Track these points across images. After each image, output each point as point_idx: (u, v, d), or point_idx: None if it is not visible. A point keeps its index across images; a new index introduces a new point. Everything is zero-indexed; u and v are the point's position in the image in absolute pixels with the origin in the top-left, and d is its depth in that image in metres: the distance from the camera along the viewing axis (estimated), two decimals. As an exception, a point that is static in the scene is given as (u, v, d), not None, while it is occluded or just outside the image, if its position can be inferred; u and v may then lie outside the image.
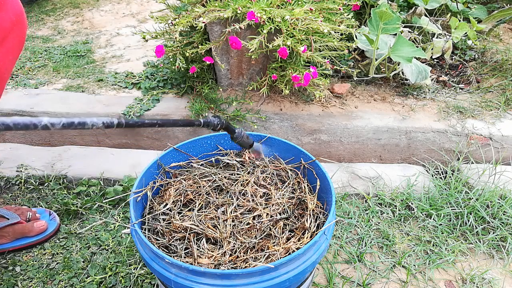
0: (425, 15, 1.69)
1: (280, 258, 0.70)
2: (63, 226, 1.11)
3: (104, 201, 1.18)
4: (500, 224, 1.12)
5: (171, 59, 1.58)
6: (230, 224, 0.77)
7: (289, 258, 0.64)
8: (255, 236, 0.76)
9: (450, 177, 1.30)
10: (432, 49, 1.62)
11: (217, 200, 0.83)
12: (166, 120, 0.65)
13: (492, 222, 1.13)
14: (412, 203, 1.20)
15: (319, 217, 0.80)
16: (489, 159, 1.41)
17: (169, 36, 1.39)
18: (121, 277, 0.97)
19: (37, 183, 1.24)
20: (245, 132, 0.81)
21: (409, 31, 1.63)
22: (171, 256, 0.73)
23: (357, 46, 1.49)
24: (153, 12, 1.46)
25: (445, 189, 1.25)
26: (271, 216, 0.79)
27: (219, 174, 0.89)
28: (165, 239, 0.76)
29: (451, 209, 1.17)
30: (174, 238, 0.76)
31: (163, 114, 1.45)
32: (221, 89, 1.49)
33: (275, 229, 0.77)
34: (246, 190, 0.84)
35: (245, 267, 0.70)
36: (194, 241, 0.75)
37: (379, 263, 1.03)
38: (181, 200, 0.83)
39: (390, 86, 1.62)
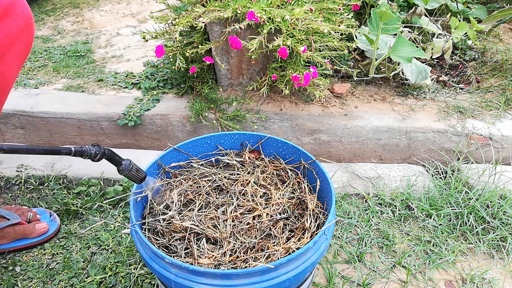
0: (425, 15, 1.69)
1: (280, 258, 0.70)
2: (63, 226, 1.11)
3: (104, 201, 1.18)
4: (500, 224, 1.12)
5: (171, 59, 1.58)
6: (230, 224, 0.77)
7: (289, 258, 0.64)
8: (255, 236, 0.76)
9: (450, 177, 1.30)
10: (432, 49, 1.62)
11: (217, 200, 0.83)
12: (19, 146, 0.59)
13: (492, 222, 1.13)
14: (412, 203, 1.20)
15: (319, 217, 0.80)
16: (489, 159, 1.41)
17: (169, 36, 1.39)
18: (121, 277, 0.97)
19: (37, 183, 1.24)
20: (135, 165, 0.72)
21: (409, 31, 1.63)
22: (171, 256, 0.73)
23: (357, 46, 1.49)
24: (153, 12, 1.46)
25: (445, 189, 1.25)
26: (271, 216, 0.79)
27: (219, 174, 0.89)
28: (165, 239, 0.76)
29: (451, 209, 1.17)
30: (174, 238, 0.76)
31: (163, 114, 1.45)
32: (221, 89, 1.49)
33: (275, 229, 0.78)
34: (246, 190, 0.84)
35: (245, 267, 0.70)
36: (194, 241, 0.75)
37: (379, 263, 1.03)
38: (181, 200, 0.83)
39: (390, 86, 1.62)
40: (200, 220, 0.78)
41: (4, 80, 0.78)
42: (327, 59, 1.35)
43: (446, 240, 1.10)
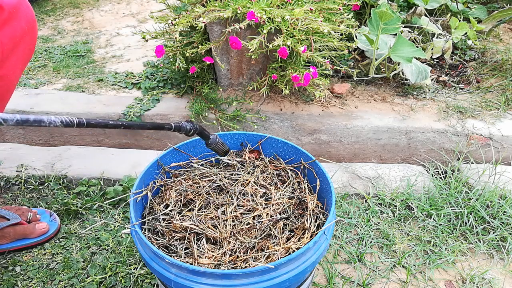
0: (425, 15, 1.69)
1: (280, 258, 0.70)
2: (63, 226, 1.11)
3: (104, 201, 1.18)
4: (500, 224, 1.12)
5: (171, 59, 1.58)
6: (230, 224, 0.77)
7: (289, 258, 0.64)
8: (255, 236, 0.76)
9: (450, 177, 1.30)
10: (432, 49, 1.62)
11: (217, 200, 0.83)
12: (133, 122, 0.64)
13: (492, 222, 1.13)
14: (412, 203, 1.20)
15: (319, 217, 0.80)
16: (489, 159, 1.41)
17: (169, 36, 1.39)
18: (121, 277, 0.97)
19: (37, 183, 1.24)
20: (220, 139, 0.80)
21: (409, 31, 1.63)
22: (171, 256, 0.73)
23: (357, 46, 1.49)
24: (153, 12, 1.46)
25: (445, 189, 1.25)
26: (271, 216, 0.79)
27: (219, 174, 0.89)
28: (165, 239, 0.76)
29: (451, 209, 1.17)
30: (174, 238, 0.76)
31: (163, 114, 1.45)
32: (221, 89, 1.49)
33: (275, 229, 0.78)
34: (246, 190, 0.84)
35: (245, 267, 0.70)
36: (194, 241, 0.75)
37: (379, 263, 1.03)
38: (181, 200, 0.83)
39: (390, 86, 1.62)
40: (200, 220, 0.78)
41: (7, 82, 0.78)
42: (327, 59, 1.35)
43: (446, 240, 1.10)
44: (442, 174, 1.38)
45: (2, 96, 0.82)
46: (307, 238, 0.75)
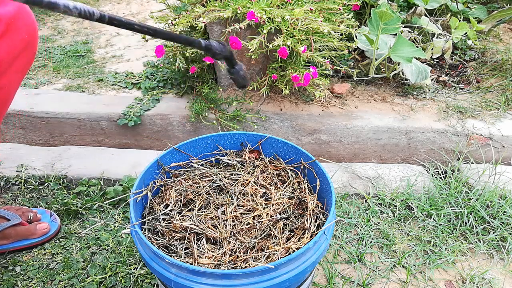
0: (425, 15, 1.69)
1: (280, 258, 0.70)
2: (63, 226, 1.11)
3: (104, 201, 1.18)
4: (500, 224, 1.12)
5: (171, 59, 1.58)
6: (230, 224, 0.77)
7: (289, 258, 0.64)
8: (255, 236, 0.76)
9: (450, 177, 1.30)
10: (432, 49, 1.62)
11: (217, 200, 0.83)
12: (160, 30, 0.57)
13: (492, 222, 1.13)
14: (412, 203, 1.20)
15: (319, 217, 0.80)
16: (489, 159, 1.41)
17: (169, 36, 1.39)
18: (121, 277, 0.97)
19: (37, 183, 1.24)
20: (245, 71, 0.75)
21: (409, 31, 1.63)
22: (171, 256, 0.73)
23: (357, 46, 1.49)
24: (153, 12, 1.46)
25: (445, 189, 1.25)
26: (271, 216, 0.79)
27: (219, 174, 0.89)
28: (165, 239, 0.76)
29: (451, 209, 1.17)
30: (174, 238, 0.76)
31: (163, 114, 1.45)
32: (221, 89, 1.49)
33: (275, 229, 0.78)
34: (246, 190, 0.84)
35: (245, 267, 0.70)
36: (194, 241, 0.75)
37: (379, 263, 1.03)
38: (181, 200, 0.83)
39: (390, 86, 1.62)
40: (200, 220, 0.78)
41: (5, 93, 0.76)
42: (327, 59, 1.35)
43: (446, 240, 1.10)
44: (442, 174, 1.38)
45: (0, 107, 0.80)
46: (307, 238, 0.75)
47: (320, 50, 1.34)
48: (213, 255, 0.72)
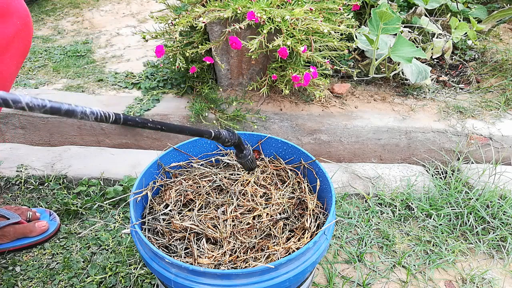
0: (425, 15, 1.69)
1: (280, 258, 0.70)
2: (63, 226, 1.11)
3: (104, 201, 1.18)
4: (500, 224, 1.12)
5: (171, 59, 1.58)
6: (230, 224, 0.77)
7: (289, 258, 0.64)
8: (255, 236, 0.76)
9: (450, 177, 1.30)
10: (432, 49, 1.62)
11: (217, 200, 0.83)
12: (172, 125, 0.59)
13: (492, 222, 1.13)
14: (412, 203, 1.20)
15: (319, 217, 0.80)
16: (489, 159, 1.41)
17: (169, 36, 1.39)
18: (121, 277, 0.97)
19: (37, 183, 1.24)
20: (253, 156, 0.77)
21: (409, 31, 1.63)
22: (171, 256, 0.73)
23: (357, 46, 1.49)
24: (153, 12, 1.46)
25: (445, 189, 1.25)
26: (271, 216, 0.79)
27: (219, 174, 0.89)
28: (165, 239, 0.76)
29: (451, 209, 1.17)
30: (174, 238, 0.76)
31: (163, 114, 1.45)
32: (221, 89, 1.49)
33: (275, 229, 0.77)
34: (246, 190, 0.84)
35: (245, 267, 0.70)
36: (194, 241, 0.75)
37: (379, 263, 1.03)
38: (181, 200, 0.83)
39: (390, 86, 1.62)
40: (200, 220, 0.78)
41: (1, 79, 0.77)
42: (327, 59, 1.35)
43: (446, 240, 1.10)
44: (442, 174, 1.38)
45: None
46: (307, 238, 0.75)
47: (320, 50, 1.34)
48: (213, 255, 0.72)
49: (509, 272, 1.03)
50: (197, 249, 0.74)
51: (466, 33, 1.62)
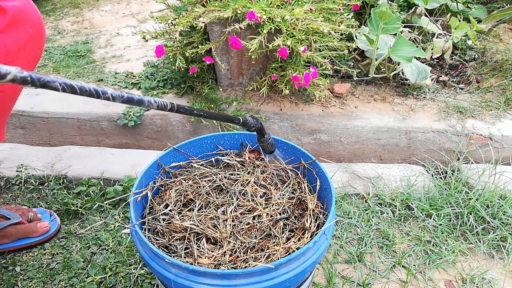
0: (425, 15, 1.69)
1: (280, 258, 0.70)
2: (63, 226, 1.11)
3: (104, 201, 1.18)
4: (500, 224, 1.12)
5: (171, 59, 1.58)
6: (230, 224, 0.77)
7: (289, 258, 0.64)
8: (255, 236, 0.76)
9: (450, 177, 1.30)
10: (432, 49, 1.62)
11: (217, 200, 0.83)
12: (212, 112, 0.70)
13: (492, 222, 1.13)
14: (412, 203, 1.20)
15: (319, 217, 0.80)
16: (489, 159, 1.41)
17: (169, 36, 1.39)
18: (121, 277, 0.97)
19: (37, 183, 1.24)
20: (272, 140, 0.84)
21: (409, 31, 1.63)
22: (171, 256, 0.73)
23: (357, 46, 1.49)
24: (153, 12, 1.46)
25: (445, 189, 1.25)
26: (271, 216, 0.79)
27: (219, 174, 0.89)
28: (165, 239, 0.76)
29: (451, 209, 1.17)
30: (174, 238, 0.76)
31: (163, 114, 1.45)
32: (221, 89, 1.49)
33: (275, 229, 0.78)
34: (246, 190, 0.84)
35: (245, 267, 0.70)
36: (194, 241, 0.75)
37: (379, 263, 1.03)
38: (181, 200, 0.83)
39: (390, 86, 1.62)
40: (200, 220, 0.78)
41: (13, 86, 0.78)
42: (327, 59, 1.35)
43: (446, 240, 1.10)
44: (442, 174, 1.38)
45: (7, 103, 0.82)
46: (307, 238, 0.75)
47: (320, 50, 1.34)
48: (213, 255, 0.72)
49: (509, 272, 1.03)
50: (197, 249, 0.74)
51: (466, 33, 1.62)
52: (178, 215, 0.80)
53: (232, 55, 1.38)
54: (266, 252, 0.73)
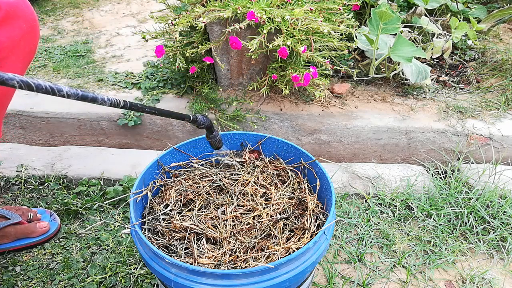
0: (425, 15, 1.69)
1: (280, 258, 0.70)
2: (63, 226, 1.11)
3: (104, 201, 1.18)
4: (500, 224, 1.12)
5: (171, 59, 1.58)
6: (230, 224, 0.77)
7: (289, 258, 0.64)
8: (255, 236, 0.76)
9: (450, 177, 1.30)
10: (432, 49, 1.62)
11: (217, 200, 0.83)
12: (162, 109, 0.73)
13: (492, 222, 1.13)
14: (412, 203, 1.20)
15: (319, 217, 0.80)
16: (489, 159, 1.41)
17: (169, 36, 1.39)
18: (121, 277, 0.97)
19: (37, 183, 1.24)
20: (220, 137, 0.88)
21: (409, 31, 1.63)
22: (171, 256, 0.73)
23: (357, 46, 1.49)
24: (153, 12, 1.46)
25: (445, 189, 1.25)
26: (271, 216, 0.79)
27: (219, 174, 0.89)
28: (165, 239, 0.76)
29: (451, 209, 1.17)
30: (174, 238, 0.76)
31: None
32: (221, 89, 1.49)
33: (275, 229, 0.78)
34: (246, 190, 0.84)
35: (245, 267, 0.70)
36: (194, 241, 0.75)
37: (379, 263, 1.03)
38: (181, 200, 0.83)
39: (390, 86, 1.62)
40: (200, 220, 0.78)
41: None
42: (327, 59, 1.35)
43: (446, 240, 1.10)
44: (442, 174, 1.38)
45: (2, 99, 0.82)
46: (307, 238, 0.75)
47: (320, 50, 1.34)
48: (213, 255, 0.72)
49: (509, 272, 1.03)
50: (197, 249, 0.74)
51: (466, 33, 1.62)
52: (178, 215, 0.80)
53: (232, 55, 1.38)
54: (266, 252, 0.73)
